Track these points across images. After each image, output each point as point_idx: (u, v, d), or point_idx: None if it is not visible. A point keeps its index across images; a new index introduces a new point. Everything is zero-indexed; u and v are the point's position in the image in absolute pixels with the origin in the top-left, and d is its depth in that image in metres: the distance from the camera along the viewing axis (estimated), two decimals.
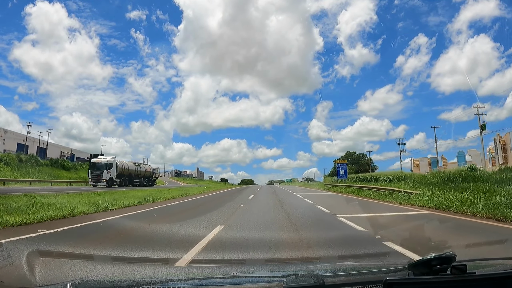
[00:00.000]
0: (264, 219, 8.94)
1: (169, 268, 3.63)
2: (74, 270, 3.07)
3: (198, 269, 3.47)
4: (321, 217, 9.32)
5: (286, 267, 3.30)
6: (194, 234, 5.73)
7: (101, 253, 4.15)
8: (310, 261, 4.14)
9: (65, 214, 7.68)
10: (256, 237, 5.82)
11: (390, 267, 1.94)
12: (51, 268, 2.88)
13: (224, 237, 5.62)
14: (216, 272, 2.79)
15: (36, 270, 2.40)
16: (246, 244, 5.20)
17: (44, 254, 3.61)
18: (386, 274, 1.59)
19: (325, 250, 4.76)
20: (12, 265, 2.55)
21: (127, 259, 3.90)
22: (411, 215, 9.98)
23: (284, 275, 1.78)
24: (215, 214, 9.85)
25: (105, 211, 9.31)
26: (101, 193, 16.00)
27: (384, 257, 4.36)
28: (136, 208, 10.82)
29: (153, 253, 4.31)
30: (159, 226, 7.14)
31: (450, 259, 1.46)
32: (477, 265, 1.82)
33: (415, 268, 1.50)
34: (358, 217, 8.69)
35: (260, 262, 4.08)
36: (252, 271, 2.76)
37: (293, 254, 4.50)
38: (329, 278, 1.64)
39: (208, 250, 4.56)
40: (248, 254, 4.41)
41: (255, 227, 7.36)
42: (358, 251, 4.75)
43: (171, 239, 5.38)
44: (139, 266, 3.68)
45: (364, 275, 1.88)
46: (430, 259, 1.46)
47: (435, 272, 1.45)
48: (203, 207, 13.10)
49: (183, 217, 9.47)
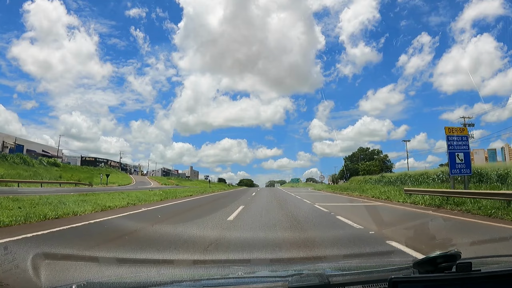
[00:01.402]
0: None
1: (173, 268, 3.63)
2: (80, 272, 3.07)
3: (203, 269, 3.47)
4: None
5: (290, 267, 3.29)
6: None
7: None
8: (315, 261, 4.13)
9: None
10: None
11: (395, 265, 1.93)
12: (56, 270, 2.89)
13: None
14: (221, 272, 2.79)
15: (41, 272, 2.41)
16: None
17: (49, 256, 3.62)
18: (391, 273, 1.59)
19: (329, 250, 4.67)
20: (17, 267, 2.56)
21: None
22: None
23: (289, 275, 1.78)
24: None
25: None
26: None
27: (389, 256, 4.34)
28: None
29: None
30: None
31: (455, 257, 1.45)
32: (482, 263, 1.81)
33: (420, 266, 1.50)
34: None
35: (265, 262, 4.07)
36: (256, 271, 2.76)
37: (297, 254, 4.49)
38: (334, 277, 1.64)
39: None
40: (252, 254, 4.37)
41: None
42: (363, 250, 4.73)
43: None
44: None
45: (369, 273, 1.87)
46: (435, 257, 1.45)
47: (440, 270, 1.44)
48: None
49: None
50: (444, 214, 10.31)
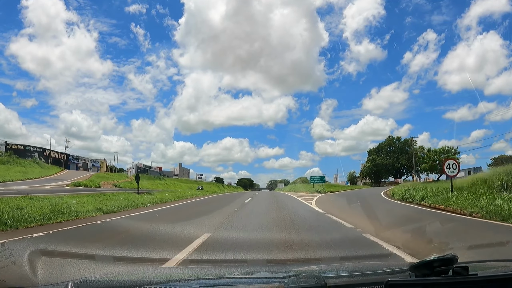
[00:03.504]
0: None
1: (170, 268, 3.62)
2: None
3: (200, 270, 3.47)
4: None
5: (287, 268, 3.29)
6: None
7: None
8: (311, 262, 4.13)
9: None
10: None
11: (391, 268, 1.94)
12: (53, 267, 2.88)
13: None
14: (218, 272, 2.79)
15: (37, 269, 2.41)
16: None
17: (45, 253, 3.61)
18: (388, 275, 1.59)
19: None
20: (13, 264, 2.55)
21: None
22: None
23: (286, 276, 1.78)
24: None
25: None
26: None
27: (386, 259, 4.34)
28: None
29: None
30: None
31: (452, 261, 1.46)
32: (479, 267, 1.82)
33: (416, 269, 1.50)
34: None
35: (262, 262, 4.06)
36: (253, 272, 2.76)
37: (294, 255, 4.40)
38: (331, 279, 1.64)
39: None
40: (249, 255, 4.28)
41: None
42: (359, 252, 4.72)
43: None
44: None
45: (365, 276, 1.87)
46: (431, 260, 1.46)
47: (437, 274, 1.45)
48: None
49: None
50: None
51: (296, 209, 13.09)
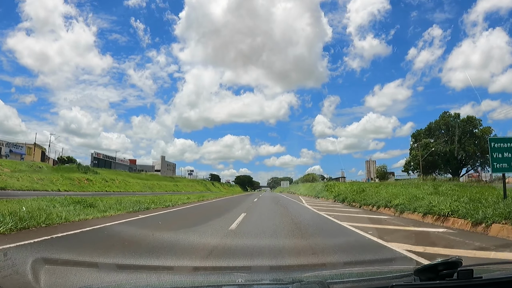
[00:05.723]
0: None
1: (174, 275, 3.61)
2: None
3: (203, 276, 3.45)
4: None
5: (291, 274, 3.27)
6: None
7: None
8: (315, 268, 4.10)
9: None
10: None
11: (396, 272, 1.92)
12: (56, 276, 2.88)
13: None
14: (221, 279, 2.78)
15: (40, 277, 2.41)
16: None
17: (49, 261, 3.60)
18: (392, 280, 1.58)
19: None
20: (16, 273, 2.55)
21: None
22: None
23: (290, 282, 1.77)
24: None
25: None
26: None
27: (390, 263, 4.32)
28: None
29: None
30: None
31: (457, 264, 1.45)
32: (483, 270, 1.80)
33: (421, 273, 1.49)
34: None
35: (265, 268, 4.04)
36: (257, 278, 2.74)
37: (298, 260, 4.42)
38: (335, 285, 1.63)
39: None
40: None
41: None
42: (364, 257, 4.69)
43: None
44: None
45: (370, 281, 1.86)
46: (436, 264, 1.45)
47: (442, 277, 1.44)
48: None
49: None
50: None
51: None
